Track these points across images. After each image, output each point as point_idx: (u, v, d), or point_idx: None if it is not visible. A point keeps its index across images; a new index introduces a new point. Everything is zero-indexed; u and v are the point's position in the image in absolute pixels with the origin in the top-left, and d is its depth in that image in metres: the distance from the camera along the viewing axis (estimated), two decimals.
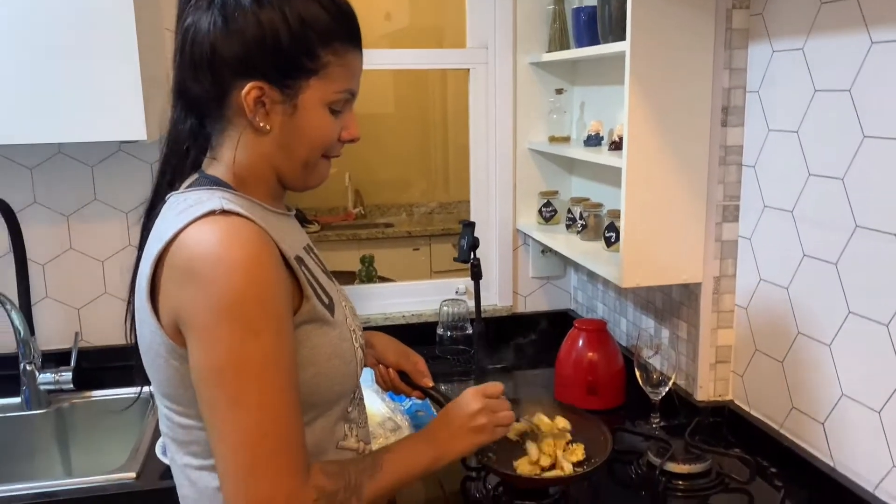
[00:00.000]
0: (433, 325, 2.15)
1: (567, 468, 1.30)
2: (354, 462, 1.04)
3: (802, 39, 1.34)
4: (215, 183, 0.99)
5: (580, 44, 1.87)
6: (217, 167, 1.02)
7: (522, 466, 1.32)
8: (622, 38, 1.49)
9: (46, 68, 1.62)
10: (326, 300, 1.03)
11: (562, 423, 1.37)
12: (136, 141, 1.70)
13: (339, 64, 0.98)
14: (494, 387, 1.20)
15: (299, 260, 1.00)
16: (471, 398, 1.17)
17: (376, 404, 1.62)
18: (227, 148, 1.01)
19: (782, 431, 1.46)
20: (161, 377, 0.98)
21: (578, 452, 1.33)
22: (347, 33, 0.99)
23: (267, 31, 0.93)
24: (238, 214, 0.92)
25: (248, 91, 0.95)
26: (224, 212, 0.92)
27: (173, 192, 1.01)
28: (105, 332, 2.04)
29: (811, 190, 1.35)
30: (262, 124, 0.97)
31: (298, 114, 0.98)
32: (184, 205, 0.95)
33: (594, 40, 1.77)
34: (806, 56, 1.34)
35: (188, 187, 1.01)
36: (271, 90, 0.96)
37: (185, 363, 0.93)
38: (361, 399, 1.17)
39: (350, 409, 1.10)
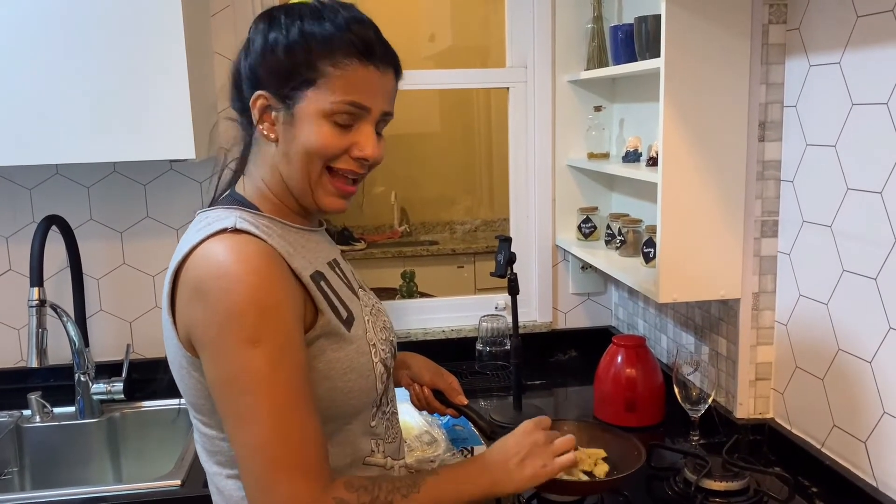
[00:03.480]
0: (473, 340, 2.17)
1: (599, 473, 1.28)
2: (389, 479, 0.99)
3: (839, 53, 1.33)
4: (239, 202, 1.03)
5: (618, 61, 1.88)
6: (245, 184, 1.06)
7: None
8: (659, 55, 1.50)
9: (101, 92, 1.69)
10: (345, 314, 1.04)
11: (599, 453, 1.35)
12: (186, 160, 1.77)
13: (339, 76, 0.98)
14: (547, 422, 1.13)
15: (319, 275, 1.03)
16: (531, 429, 1.09)
17: (414, 418, 1.64)
18: (252, 164, 1.06)
19: (824, 450, 1.44)
20: (185, 387, 1.02)
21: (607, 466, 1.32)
22: (353, 46, 0.98)
23: (269, 43, 1.00)
24: (248, 233, 0.96)
25: (255, 100, 1.01)
26: (235, 230, 0.95)
27: (200, 210, 1.06)
28: (155, 344, 2.10)
29: (850, 204, 1.33)
30: (266, 133, 1.01)
31: (295, 123, 1.00)
32: (204, 222, 1.00)
33: (632, 58, 1.78)
34: (843, 70, 1.33)
35: (216, 205, 1.06)
36: (274, 100, 1.00)
37: (203, 375, 0.97)
38: (394, 414, 1.17)
39: (373, 424, 1.10)
